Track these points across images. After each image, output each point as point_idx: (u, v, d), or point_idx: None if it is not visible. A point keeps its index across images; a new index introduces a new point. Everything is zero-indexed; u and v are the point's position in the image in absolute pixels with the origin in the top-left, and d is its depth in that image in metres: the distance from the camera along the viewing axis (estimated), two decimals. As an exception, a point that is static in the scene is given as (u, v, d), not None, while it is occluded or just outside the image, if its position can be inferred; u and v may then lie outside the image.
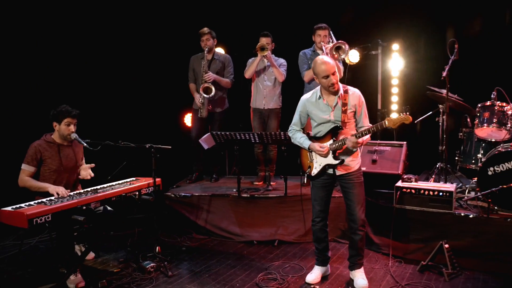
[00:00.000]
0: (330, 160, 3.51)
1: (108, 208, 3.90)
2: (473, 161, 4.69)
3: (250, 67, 5.29)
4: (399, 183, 4.39)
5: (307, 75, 5.07)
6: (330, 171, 3.56)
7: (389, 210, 4.33)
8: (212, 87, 5.25)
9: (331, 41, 5.01)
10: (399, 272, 3.92)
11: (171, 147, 4.22)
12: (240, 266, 4.14)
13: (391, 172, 4.88)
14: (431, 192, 4.19)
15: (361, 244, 3.63)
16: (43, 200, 3.46)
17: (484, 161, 4.16)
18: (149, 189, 4.15)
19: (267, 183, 5.29)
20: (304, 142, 3.61)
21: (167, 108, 6.42)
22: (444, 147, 4.82)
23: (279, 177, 5.54)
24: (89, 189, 3.88)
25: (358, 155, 3.62)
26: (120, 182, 4.15)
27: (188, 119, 6.37)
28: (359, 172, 3.59)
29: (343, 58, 4.92)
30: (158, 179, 4.18)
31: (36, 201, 3.45)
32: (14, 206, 3.29)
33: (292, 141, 3.74)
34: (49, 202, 3.41)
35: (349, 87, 3.55)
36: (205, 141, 4.97)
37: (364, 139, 3.43)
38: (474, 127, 4.56)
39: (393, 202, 4.32)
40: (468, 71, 5.56)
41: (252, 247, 4.64)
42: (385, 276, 3.85)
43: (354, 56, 5.87)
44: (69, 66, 5.62)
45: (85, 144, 3.92)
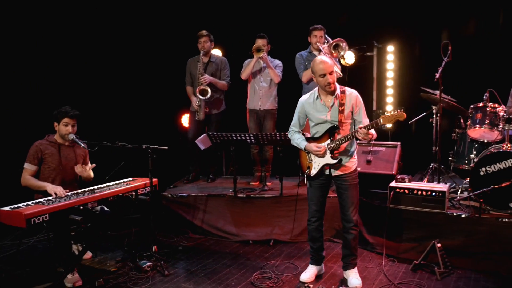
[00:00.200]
0: (328, 160, 3.56)
1: (105, 208, 3.94)
2: (466, 162, 4.74)
3: (246, 68, 5.34)
4: (393, 183, 4.45)
5: (305, 76, 5.12)
6: (327, 172, 3.61)
7: (383, 210, 4.39)
8: (208, 89, 5.30)
9: (327, 42, 5.08)
10: (392, 271, 3.98)
11: (168, 148, 4.27)
12: (236, 265, 4.19)
13: (385, 173, 4.95)
14: (424, 192, 4.25)
15: (355, 244, 3.69)
16: (41, 200, 3.51)
17: (476, 162, 4.22)
18: (146, 189, 4.19)
19: (263, 183, 5.34)
20: (301, 143, 3.66)
21: (164, 109, 6.46)
22: (437, 148, 4.88)
23: (275, 177, 5.59)
24: (87, 189, 3.92)
25: (355, 156, 3.67)
26: (117, 182, 4.19)
27: (185, 120, 6.43)
28: (355, 174, 3.64)
29: (343, 55, 4.98)
30: (155, 179, 4.23)
31: (34, 201, 3.49)
32: (12, 206, 3.33)
33: (291, 142, 3.79)
34: (47, 202, 3.46)
35: (347, 88, 3.60)
36: (201, 142, 5.02)
37: (374, 133, 3.44)
38: (467, 128, 4.62)
39: (387, 202, 4.38)
40: (463, 73, 5.63)
41: (248, 247, 4.69)
42: (379, 275, 3.91)
43: (350, 58, 5.94)
44: (68, 67, 5.66)
45: (83, 145, 3.97)
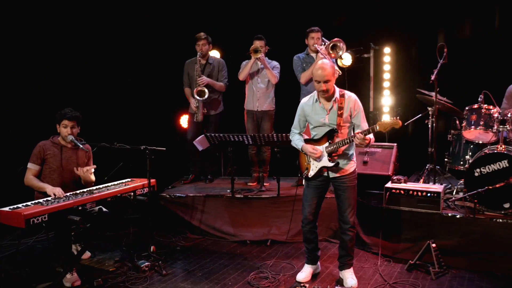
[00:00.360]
0: (326, 163, 3.60)
1: (104, 209, 3.98)
2: (462, 163, 4.78)
3: (244, 69, 5.39)
4: (389, 184, 4.49)
5: (303, 77, 5.16)
6: (325, 174, 3.65)
7: (379, 211, 4.44)
8: (206, 90, 5.35)
9: (324, 44, 5.12)
10: (388, 271, 4.02)
11: (167, 149, 4.31)
12: (233, 265, 4.23)
13: (382, 173, 4.99)
14: (420, 193, 4.29)
15: (351, 245, 3.73)
16: (40, 201, 3.55)
17: (471, 163, 4.26)
18: (144, 190, 4.23)
19: (261, 184, 5.39)
20: (299, 144, 3.72)
21: (163, 110, 6.50)
22: (433, 149, 4.92)
23: (273, 178, 5.63)
24: (85, 190, 3.95)
25: (354, 159, 3.70)
26: (116, 183, 4.23)
27: (184, 121, 6.47)
28: (353, 176, 3.67)
29: (341, 55, 5.03)
30: (153, 180, 4.27)
31: (33, 202, 3.53)
32: (12, 207, 3.37)
33: (291, 143, 3.84)
34: (46, 203, 3.49)
35: (346, 91, 3.64)
36: (199, 143, 5.06)
37: (371, 137, 3.48)
38: (462, 130, 4.66)
39: (383, 203, 4.43)
40: (459, 74, 5.68)
41: (245, 247, 4.74)
42: (374, 275, 3.95)
43: (347, 59, 5.98)
44: (68, 68, 5.69)
45: (81, 146, 4.01)
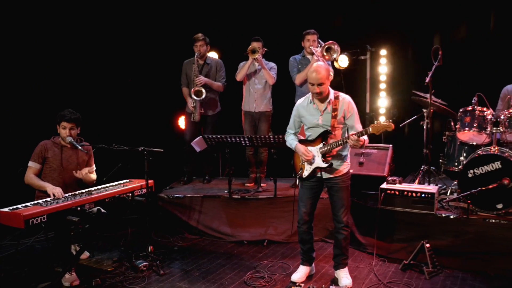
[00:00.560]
0: (320, 164, 3.65)
1: (102, 210, 4.03)
2: (456, 164, 4.84)
3: (241, 70, 5.44)
4: (384, 185, 4.54)
5: (298, 79, 5.22)
6: (319, 174, 3.71)
7: (374, 211, 4.48)
8: (203, 90, 5.40)
9: (320, 46, 5.17)
10: (383, 271, 4.08)
11: (165, 149, 4.35)
12: (230, 265, 4.28)
13: (377, 174, 5.04)
14: (414, 194, 4.35)
15: (345, 244, 3.78)
16: (39, 202, 3.59)
17: (465, 164, 4.31)
18: (142, 191, 4.28)
19: (258, 185, 5.44)
20: (292, 143, 3.77)
21: (161, 111, 6.54)
22: (427, 150, 4.97)
23: (269, 179, 5.68)
24: (84, 191, 4.00)
25: (347, 160, 3.76)
26: (114, 184, 4.28)
27: (182, 122, 6.51)
28: (347, 176, 3.73)
29: (335, 58, 5.08)
30: (151, 181, 4.31)
31: (32, 202, 3.58)
32: (11, 207, 3.41)
33: (286, 144, 3.89)
34: (45, 203, 3.54)
35: (340, 93, 3.69)
36: (197, 144, 5.11)
37: (365, 139, 3.53)
38: (456, 131, 4.72)
39: (378, 204, 4.48)
40: (454, 76, 5.74)
41: (242, 247, 4.79)
42: (369, 275, 4.01)
43: (343, 61, 6.06)
44: (66, 69, 5.72)
45: (80, 148, 4.05)
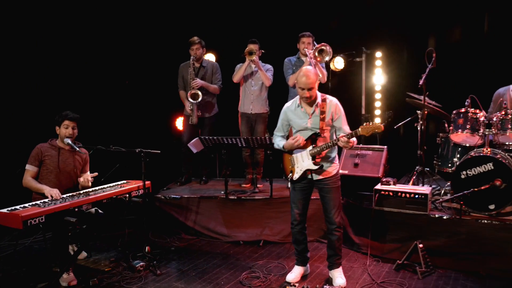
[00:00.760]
0: (310, 165, 3.71)
1: (99, 211, 4.08)
2: (450, 165, 4.89)
3: (238, 72, 5.49)
4: (378, 186, 4.60)
5: (291, 80, 5.28)
6: (309, 176, 3.76)
7: (369, 212, 4.54)
8: (199, 93, 5.45)
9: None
10: (376, 271, 4.13)
11: (163, 150, 4.41)
12: (226, 265, 4.33)
13: (372, 175, 5.09)
14: (408, 195, 4.40)
15: (339, 244, 3.84)
16: (37, 202, 3.64)
17: (458, 165, 4.36)
18: (139, 192, 4.33)
19: (254, 185, 5.49)
20: (280, 143, 3.81)
21: (159, 112, 6.60)
22: (421, 152, 5.03)
23: (266, 180, 5.73)
24: (81, 192, 4.06)
25: (336, 161, 3.82)
26: (111, 185, 4.33)
27: (179, 123, 6.57)
28: (337, 177, 3.79)
29: (327, 60, 5.14)
30: (148, 182, 4.37)
31: (31, 203, 3.63)
32: (10, 208, 3.46)
33: (274, 146, 3.94)
34: (43, 204, 3.59)
35: (327, 96, 3.75)
36: (194, 145, 5.16)
37: (354, 140, 3.60)
38: (450, 133, 4.78)
39: (372, 204, 4.54)
40: (449, 78, 5.80)
41: (238, 247, 4.84)
42: (363, 275, 4.06)
43: (339, 63, 6.12)
44: (64, 72, 5.77)
45: (78, 149, 4.10)
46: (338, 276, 3.85)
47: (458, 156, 4.80)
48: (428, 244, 4.16)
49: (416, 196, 4.36)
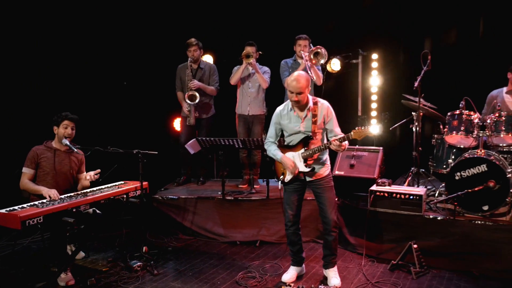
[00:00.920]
0: (302, 168, 3.76)
1: (97, 211, 4.12)
2: (445, 166, 4.93)
3: (236, 74, 5.54)
4: (373, 187, 4.64)
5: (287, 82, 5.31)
6: (302, 178, 3.81)
7: (364, 213, 4.58)
8: (197, 94, 5.50)
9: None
10: (371, 271, 4.18)
11: (161, 151, 4.44)
12: (223, 265, 4.37)
13: (368, 176, 5.13)
14: (403, 196, 4.44)
15: (335, 244, 3.88)
16: (35, 203, 3.67)
17: (452, 167, 4.41)
18: (137, 192, 4.37)
19: (251, 186, 5.53)
20: (277, 155, 3.83)
21: (157, 113, 6.62)
22: (416, 153, 5.08)
23: (263, 181, 5.77)
24: (79, 192, 4.09)
25: (327, 163, 3.87)
26: (109, 186, 4.37)
27: (177, 124, 6.60)
28: (329, 178, 3.84)
29: (322, 63, 5.18)
30: (145, 183, 4.40)
31: (29, 204, 3.66)
32: (8, 209, 3.49)
33: (267, 153, 3.96)
34: (41, 205, 3.62)
35: (319, 99, 3.79)
36: (191, 146, 5.20)
37: (346, 144, 3.66)
38: (444, 134, 4.83)
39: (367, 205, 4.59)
40: (445, 80, 5.85)
41: (235, 247, 4.88)
42: (358, 275, 4.11)
43: (336, 65, 6.16)
44: (62, 73, 5.79)
45: (76, 150, 4.14)
46: (333, 276, 3.89)
47: (453, 158, 4.84)
48: (423, 245, 4.20)
49: (411, 197, 4.40)
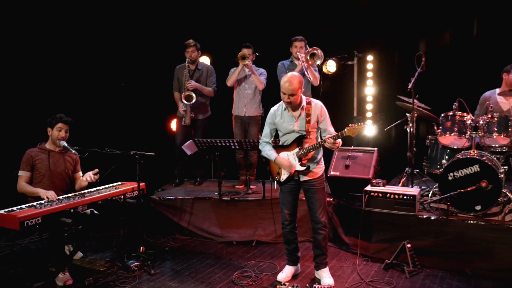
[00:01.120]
0: (297, 167, 3.81)
1: (95, 212, 4.17)
2: (438, 166, 4.97)
3: (232, 76, 5.59)
4: (368, 187, 4.70)
5: None
6: (296, 177, 3.86)
7: (359, 213, 4.64)
8: (193, 94, 5.55)
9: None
10: (365, 270, 4.23)
11: (158, 152, 4.49)
12: (219, 265, 4.42)
13: (362, 177, 5.17)
14: (397, 196, 4.50)
15: (325, 243, 3.93)
16: (34, 204, 3.72)
17: (445, 167, 4.47)
18: (134, 193, 4.41)
19: (248, 187, 5.58)
20: (272, 155, 3.88)
21: (154, 114, 6.66)
22: (411, 154, 5.13)
23: (259, 181, 5.82)
24: (77, 193, 4.13)
25: (322, 163, 3.93)
26: (107, 186, 4.41)
27: (174, 125, 6.64)
28: (322, 178, 3.90)
29: (319, 64, 5.23)
30: (142, 184, 4.44)
31: (27, 205, 3.70)
32: (6, 210, 3.53)
33: (262, 153, 4.01)
34: (39, 206, 3.66)
35: (312, 99, 3.85)
36: (188, 147, 5.25)
37: (339, 141, 3.71)
38: (438, 135, 4.88)
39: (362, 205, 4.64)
40: (439, 81, 5.90)
41: (231, 247, 4.93)
42: (352, 274, 4.16)
43: (332, 66, 6.21)
44: (59, 75, 5.81)
45: (73, 151, 4.18)
46: (326, 276, 3.94)
47: (447, 158, 4.89)
48: (416, 244, 4.26)
49: (405, 197, 4.46)
